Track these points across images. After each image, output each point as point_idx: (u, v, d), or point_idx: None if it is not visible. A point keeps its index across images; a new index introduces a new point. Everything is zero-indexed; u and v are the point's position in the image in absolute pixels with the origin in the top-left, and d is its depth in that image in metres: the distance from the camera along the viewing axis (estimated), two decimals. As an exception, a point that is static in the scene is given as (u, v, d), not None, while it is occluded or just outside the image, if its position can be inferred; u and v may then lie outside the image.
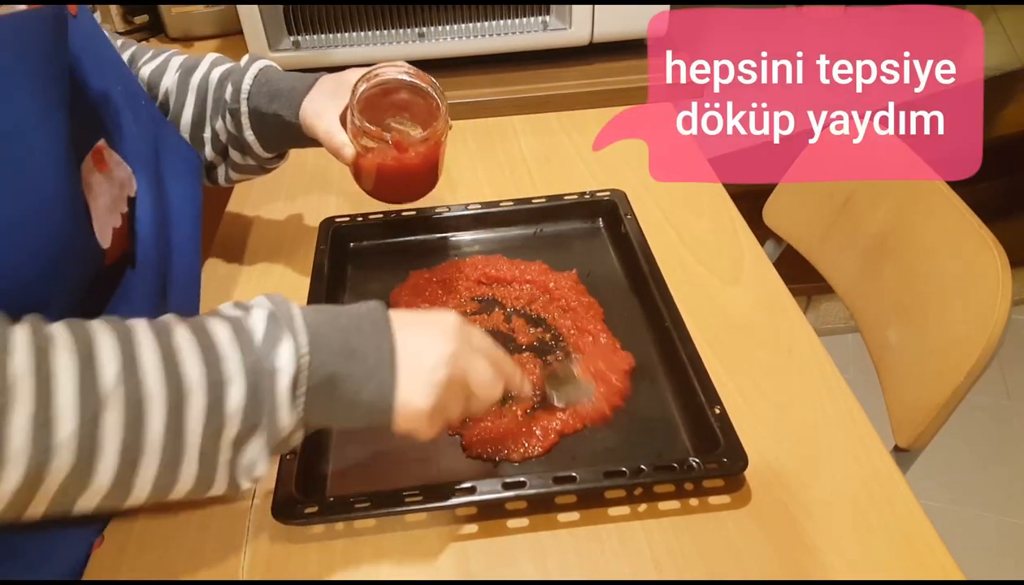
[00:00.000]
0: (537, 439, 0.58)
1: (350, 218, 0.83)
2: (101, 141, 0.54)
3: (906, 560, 0.50)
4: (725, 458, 0.54)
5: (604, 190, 0.83)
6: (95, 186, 0.52)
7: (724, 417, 0.56)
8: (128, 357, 0.38)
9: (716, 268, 0.76)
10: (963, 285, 0.70)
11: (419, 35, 1.07)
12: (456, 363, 0.47)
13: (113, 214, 0.54)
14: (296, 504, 0.52)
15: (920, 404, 0.68)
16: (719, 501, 0.54)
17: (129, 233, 0.56)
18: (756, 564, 0.50)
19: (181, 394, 0.39)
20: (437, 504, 0.52)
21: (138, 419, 0.38)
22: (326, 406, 0.44)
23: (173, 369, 0.39)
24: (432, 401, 0.46)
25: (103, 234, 0.52)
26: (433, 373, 0.46)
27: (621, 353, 0.65)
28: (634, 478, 0.53)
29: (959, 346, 0.66)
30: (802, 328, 0.69)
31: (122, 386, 0.37)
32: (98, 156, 0.53)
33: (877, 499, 0.54)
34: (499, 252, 0.79)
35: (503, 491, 0.53)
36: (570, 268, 0.75)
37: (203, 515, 0.56)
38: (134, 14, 1.23)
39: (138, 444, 0.38)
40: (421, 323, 0.48)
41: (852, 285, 0.87)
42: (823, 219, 0.92)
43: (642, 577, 0.50)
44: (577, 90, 1.07)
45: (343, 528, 0.54)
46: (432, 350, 0.46)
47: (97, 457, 0.37)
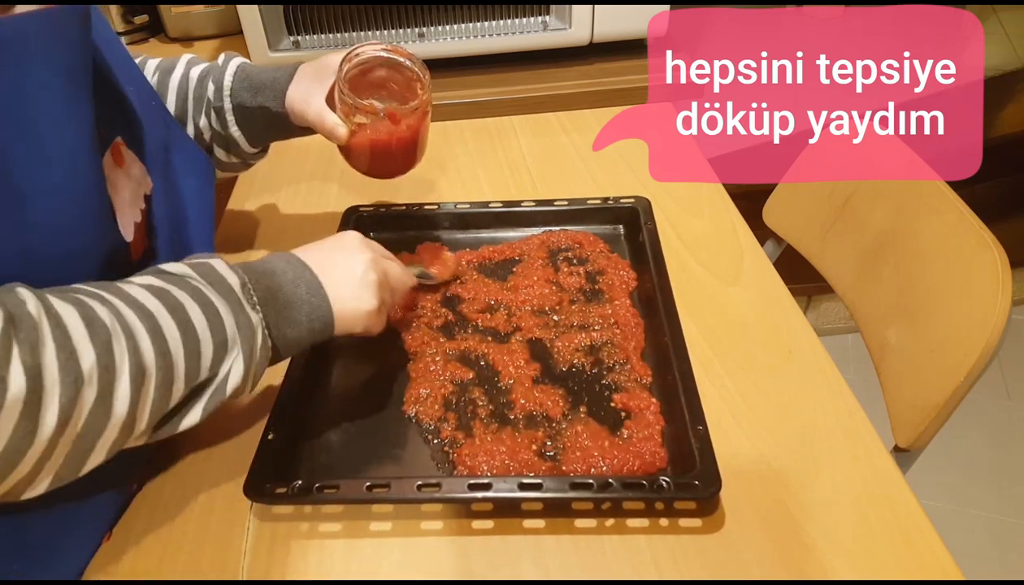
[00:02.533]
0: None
1: (373, 208, 0.83)
2: (119, 138, 0.55)
3: (906, 560, 0.50)
4: (697, 480, 0.52)
5: (628, 197, 0.82)
6: (116, 181, 0.53)
7: (705, 438, 0.54)
8: (111, 304, 0.43)
9: (716, 268, 0.76)
10: (963, 285, 0.69)
11: (419, 35, 1.07)
12: (378, 266, 0.58)
13: (133, 209, 0.55)
14: (270, 483, 0.54)
15: (920, 404, 0.68)
16: (689, 524, 0.53)
17: (148, 230, 0.58)
18: (756, 564, 0.50)
19: (155, 322, 0.44)
20: (450, 495, 0.53)
21: (136, 347, 0.42)
22: (276, 312, 0.52)
23: (140, 307, 0.44)
24: (376, 300, 0.57)
25: (126, 227, 0.53)
26: (365, 277, 0.57)
27: None
28: (601, 492, 0.52)
29: (959, 346, 0.66)
30: (802, 328, 0.68)
31: (116, 322, 0.42)
32: (117, 152, 0.54)
33: (877, 499, 0.54)
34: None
35: (468, 492, 0.53)
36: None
37: (203, 515, 0.56)
38: (134, 14, 1.23)
39: (141, 367, 0.42)
40: (326, 247, 0.58)
41: (852, 285, 0.87)
42: (823, 219, 0.92)
43: (642, 577, 0.50)
44: (577, 90, 1.07)
45: (342, 528, 0.54)
46: (354, 261, 0.57)
47: (115, 384, 0.41)
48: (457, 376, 0.64)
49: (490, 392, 0.63)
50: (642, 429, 0.58)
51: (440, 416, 0.61)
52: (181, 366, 0.45)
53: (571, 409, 0.61)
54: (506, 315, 0.71)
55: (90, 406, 0.40)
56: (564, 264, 0.76)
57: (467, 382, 0.64)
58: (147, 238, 0.57)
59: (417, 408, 0.62)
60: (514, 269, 0.76)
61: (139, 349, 0.42)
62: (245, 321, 0.49)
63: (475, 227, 0.82)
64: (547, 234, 0.80)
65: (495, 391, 0.63)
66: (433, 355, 0.66)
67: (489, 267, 0.78)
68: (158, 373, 0.44)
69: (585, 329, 0.68)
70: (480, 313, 0.71)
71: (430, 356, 0.66)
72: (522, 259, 0.77)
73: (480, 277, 0.75)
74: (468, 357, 0.66)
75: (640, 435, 0.58)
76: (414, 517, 0.55)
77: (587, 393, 0.63)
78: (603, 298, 0.72)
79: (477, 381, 0.64)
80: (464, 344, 0.67)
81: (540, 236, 0.80)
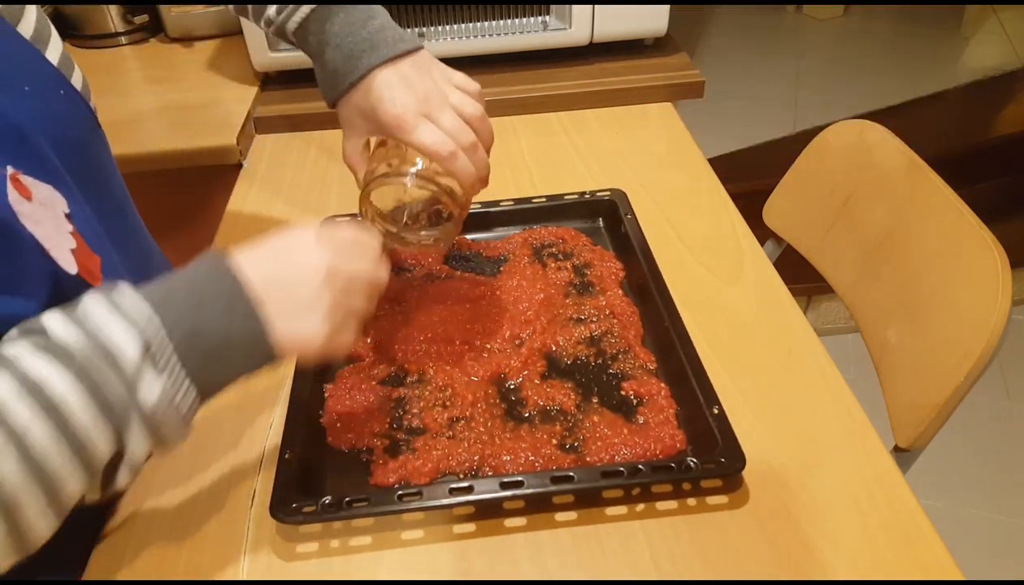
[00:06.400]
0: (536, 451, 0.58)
1: (351, 216, 0.82)
2: (8, 168, 0.46)
3: (906, 560, 0.50)
4: (723, 458, 0.54)
5: (604, 190, 0.83)
6: (31, 215, 0.46)
7: (723, 417, 0.56)
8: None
9: (716, 268, 0.76)
10: (963, 285, 0.69)
11: (419, 35, 1.07)
12: (335, 283, 0.46)
13: (62, 234, 0.49)
14: (293, 503, 0.52)
15: (920, 404, 0.68)
16: (717, 501, 0.54)
17: (91, 246, 0.52)
18: (756, 564, 0.50)
19: (18, 436, 0.36)
20: (433, 503, 0.52)
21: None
22: (203, 360, 0.42)
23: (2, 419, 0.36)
24: (327, 326, 0.46)
25: (65, 260, 0.48)
26: (317, 300, 0.45)
27: None
28: (632, 478, 0.53)
29: (959, 346, 0.66)
30: (802, 328, 0.69)
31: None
32: (17, 184, 0.47)
33: (877, 499, 0.54)
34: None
35: (500, 491, 0.53)
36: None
37: (203, 515, 0.56)
38: (134, 14, 1.23)
39: (4, 496, 0.36)
40: (275, 253, 0.47)
41: (852, 285, 0.87)
42: (823, 219, 0.92)
43: (642, 577, 0.50)
44: (577, 90, 1.07)
45: (341, 527, 0.54)
46: (305, 275, 0.45)
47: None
48: (461, 377, 0.64)
49: (501, 391, 0.63)
50: (656, 413, 0.60)
51: (454, 418, 0.60)
52: (65, 471, 0.38)
53: (583, 401, 0.62)
54: (504, 315, 0.71)
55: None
56: (550, 260, 0.76)
57: (475, 383, 0.64)
58: (91, 255, 0.52)
59: (427, 412, 0.61)
60: (501, 268, 0.76)
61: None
62: (136, 400, 0.40)
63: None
64: (528, 232, 0.81)
65: (505, 390, 0.63)
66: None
67: (478, 262, 0.78)
68: (34, 489, 0.37)
69: (583, 322, 0.69)
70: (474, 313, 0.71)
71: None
72: (507, 258, 0.77)
73: (471, 275, 0.75)
74: (471, 357, 0.66)
75: (656, 419, 0.59)
76: (447, 522, 0.54)
77: (596, 384, 0.63)
78: (595, 290, 0.73)
79: (485, 382, 0.64)
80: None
81: (522, 235, 0.80)
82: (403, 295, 0.72)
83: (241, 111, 1.03)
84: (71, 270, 0.48)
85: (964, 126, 2.21)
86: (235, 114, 1.03)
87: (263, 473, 0.58)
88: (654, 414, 0.60)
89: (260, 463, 0.59)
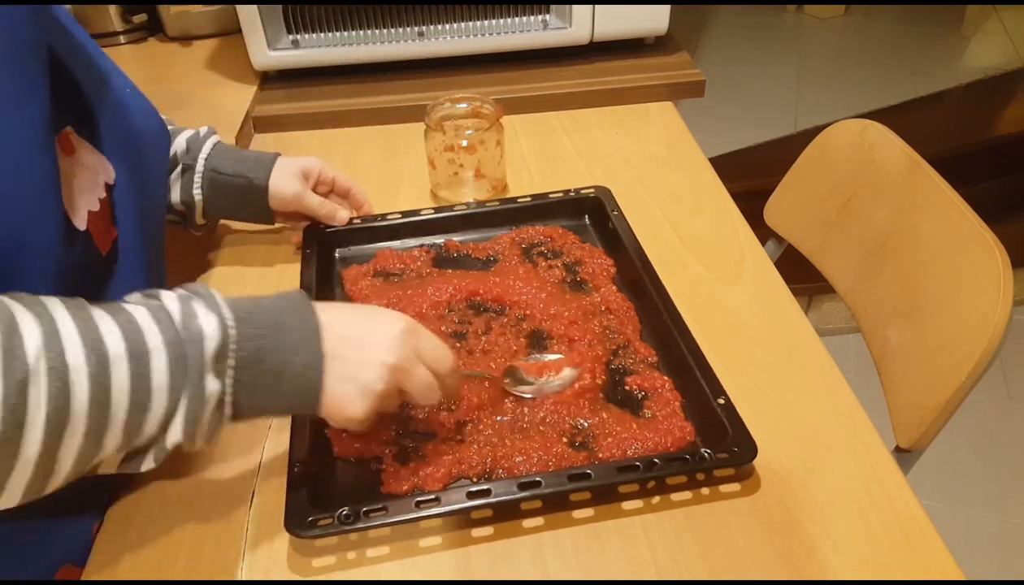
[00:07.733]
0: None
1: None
2: (68, 128, 0.53)
3: (906, 560, 0.50)
4: (735, 446, 0.54)
5: (589, 187, 0.83)
6: (65, 169, 0.51)
7: (730, 406, 0.56)
8: (49, 330, 0.38)
9: (716, 268, 0.76)
10: (964, 285, 0.69)
11: (419, 34, 1.07)
12: (394, 376, 0.49)
13: (88, 196, 0.53)
14: (308, 516, 0.51)
15: (921, 404, 0.68)
16: (730, 489, 0.54)
17: (113, 220, 0.56)
18: (756, 564, 0.50)
19: (104, 366, 0.39)
20: (453, 507, 0.51)
21: (63, 390, 0.38)
22: (253, 381, 0.45)
23: (95, 342, 0.39)
24: (367, 410, 0.48)
25: (78, 214, 0.52)
26: (372, 384, 0.48)
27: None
28: (648, 471, 0.53)
29: (960, 347, 0.66)
30: (803, 328, 0.68)
31: (44, 358, 0.37)
32: (65, 141, 0.52)
33: (878, 499, 0.54)
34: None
35: (519, 492, 0.52)
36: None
37: (203, 514, 0.55)
38: (133, 13, 1.22)
39: (63, 415, 0.38)
40: (362, 322, 0.49)
41: (853, 285, 0.87)
42: (824, 219, 0.92)
43: (642, 577, 0.50)
44: (577, 90, 1.07)
45: (357, 539, 0.53)
46: (375, 358, 0.48)
47: (25, 426, 0.37)
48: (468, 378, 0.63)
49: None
50: (663, 406, 0.60)
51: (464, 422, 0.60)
52: (120, 419, 0.41)
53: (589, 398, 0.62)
54: (502, 314, 0.70)
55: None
56: (540, 259, 0.76)
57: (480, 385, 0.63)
58: (112, 227, 0.56)
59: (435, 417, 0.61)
60: (492, 269, 0.75)
61: (70, 393, 0.38)
62: (197, 392, 0.43)
63: (441, 232, 0.81)
64: (516, 231, 0.80)
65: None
66: None
67: (469, 262, 0.77)
68: (89, 421, 0.39)
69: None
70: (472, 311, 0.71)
71: None
72: (497, 259, 0.77)
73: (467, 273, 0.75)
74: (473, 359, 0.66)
75: (663, 412, 0.59)
76: (464, 527, 0.54)
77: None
78: (588, 287, 0.72)
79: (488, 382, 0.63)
80: (466, 345, 0.67)
81: (509, 235, 0.80)
82: (399, 299, 0.71)
83: (240, 110, 1.03)
84: (80, 226, 0.51)
85: (965, 126, 2.21)
86: (234, 113, 1.03)
87: (263, 473, 0.58)
88: (660, 407, 0.60)
89: (260, 463, 0.59)
